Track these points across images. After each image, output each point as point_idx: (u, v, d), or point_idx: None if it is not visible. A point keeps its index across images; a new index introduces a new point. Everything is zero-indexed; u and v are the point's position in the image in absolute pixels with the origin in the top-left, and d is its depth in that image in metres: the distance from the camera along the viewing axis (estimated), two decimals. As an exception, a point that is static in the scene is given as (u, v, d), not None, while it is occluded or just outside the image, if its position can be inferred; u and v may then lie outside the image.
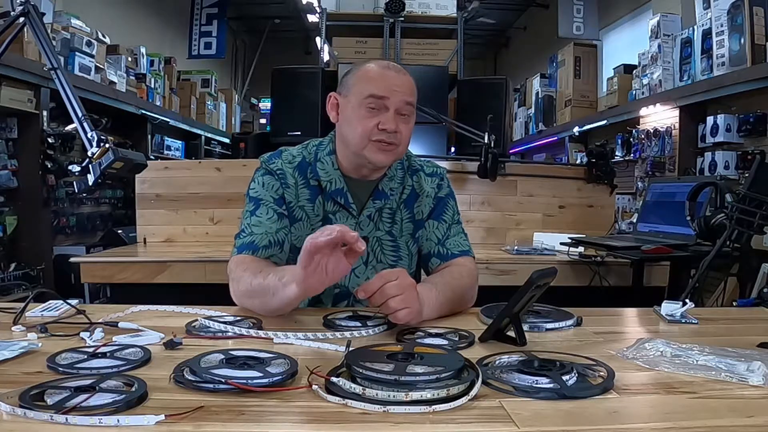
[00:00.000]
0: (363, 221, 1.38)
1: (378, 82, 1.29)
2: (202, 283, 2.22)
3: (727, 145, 3.73)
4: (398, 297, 1.05)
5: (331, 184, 1.36)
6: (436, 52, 4.17)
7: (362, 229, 1.37)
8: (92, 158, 1.36)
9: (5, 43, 1.47)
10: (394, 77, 1.30)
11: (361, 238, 1.19)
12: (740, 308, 1.64)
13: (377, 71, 1.31)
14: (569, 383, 0.79)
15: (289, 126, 3.44)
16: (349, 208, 1.37)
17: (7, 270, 3.73)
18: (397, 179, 1.41)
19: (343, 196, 1.36)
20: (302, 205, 1.36)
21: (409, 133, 1.33)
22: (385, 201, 1.39)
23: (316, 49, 6.35)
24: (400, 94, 1.29)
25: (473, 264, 1.40)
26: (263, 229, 1.30)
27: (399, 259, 1.41)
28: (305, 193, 1.36)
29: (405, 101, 1.29)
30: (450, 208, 1.45)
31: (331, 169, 1.37)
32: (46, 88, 3.86)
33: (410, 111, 1.32)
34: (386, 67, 1.33)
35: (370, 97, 1.28)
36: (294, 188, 1.36)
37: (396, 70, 1.32)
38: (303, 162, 1.38)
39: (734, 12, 3.56)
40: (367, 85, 1.29)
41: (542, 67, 6.98)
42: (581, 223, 2.99)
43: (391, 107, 1.28)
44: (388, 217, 1.40)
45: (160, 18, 7.83)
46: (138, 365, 0.85)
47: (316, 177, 1.37)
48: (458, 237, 1.42)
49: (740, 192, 1.59)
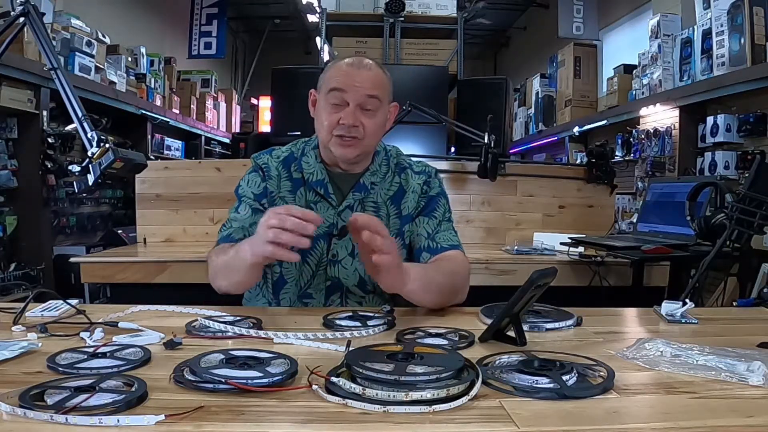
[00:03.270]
0: (344, 212, 1.40)
1: (340, 77, 1.33)
2: (202, 283, 2.20)
3: (727, 145, 3.72)
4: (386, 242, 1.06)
5: (313, 176, 1.42)
6: (436, 52, 4.16)
7: (343, 220, 1.39)
8: (92, 158, 1.36)
9: (5, 43, 1.47)
10: (357, 72, 1.33)
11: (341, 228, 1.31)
12: (740, 308, 1.64)
13: (342, 67, 1.36)
14: (569, 383, 0.79)
15: (289, 126, 3.45)
16: (329, 199, 1.41)
17: (7, 270, 3.72)
18: (379, 174, 1.44)
19: (323, 186, 1.41)
20: (283, 196, 1.41)
21: (376, 126, 1.36)
22: (366, 194, 1.42)
23: (316, 49, 6.34)
24: (361, 89, 1.32)
25: (464, 257, 1.41)
26: (239, 224, 1.38)
27: None
28: (287, 185, 1.42)
29: (366, 95, 1.32)
30: (441, 206, 1.46)
31: (314, 162, 1.43)
32: (46, 88, 3.86)
33: (375, 105, 1.34)
34: (352, 63, 1.36)
35: (332, 91, 1.33)
36: (276, 180, 1.42)
37: (361, 66, 1.35)
38: (290, 156, 1.46)
39: (734, 12, 3.56)
40: (331, 80, 1.34)
41: (542, 67, 6.98)
42: (581, 223, 2.99)
43: (351, 102, 1.32)
44: (373, 211, 1.41)
45: (160, 18, 7.82)
46: (138, 365, 0.85)
47: (300, 170, 1.43)
48: (448, 233, 1.44)
49: (740, 192, 1.59)
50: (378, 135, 1.40)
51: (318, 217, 1.07)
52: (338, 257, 1.41)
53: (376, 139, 1.41)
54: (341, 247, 1.40)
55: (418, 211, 1.45)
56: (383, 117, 1.38)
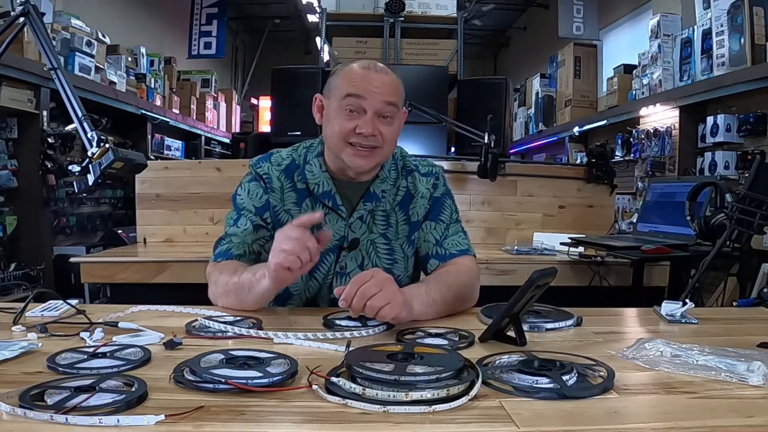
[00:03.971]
0: (354, 224, 1.35)
1: (357, 83, 1.26)
2: (202, 283, 2.21)
3: (727, 145, 3.72)
4: (377, 294, 1.03)
5: (319, 187, 1.34)
6: (436, 52, 4.16)
7: (354, 231, 1.34)
8: (92, 158, 1.36)
9: (5, 43, 1.47)
10: (374, 77, 1.26)
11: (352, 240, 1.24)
12: (740, 308, 1.64)
13: (357, 71, 1.28)
14: (569, 383, 0.79)
15: (289, 126, 3.46)
16: (338, 211, 1.34)
17: (7, 270, 3.72)
18: (389, 181, 1.37)
19: (331, 198, 1.34)
20: (288, 209, 1.35)
21: (394, 135, 1.30)
22: (377, 203, 1.36)
23: (316, 49, 6.34)
24: (379, 95, 1.25)
25: (473, 262, 1.37)
26: (240, 239, 1.32)
27: (394, 262, 1.38)
28: (291, 196, 1.35)
29: (385, 102, 1.26)
30: (447, 207, 1.41)
31: (318, 171, 1.35)
32: (46, 88, 3.86)
33: (392, 112, 1.28)
34: (367, 67, 1.29)
35: (348, 97, 1.26)
36: (279, 192, 1.35)
37: (377, 70, 1.28)
38: (292, 164, 1.37)
39: (734, 12, 3.56)
40: (346, 85, 1.27)
41: (542, 67, 6.98)
42: (581, 223, 2.99)
43: (369, 109, 1.25)
44: (382, 219, 1.37)
45: (160, 18, 7.82)
46: (138, 365, 0.85)
47: (304, 180, 1.35)
48: (457, 236, 1.39)
49: (740, 192, 1.59)
50: (394, 144, 1.33)
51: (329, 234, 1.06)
52: (346, 269, 1.36)
53: (393, 148, 1.35)
54: (350, 259, 1.35)
55: (425, 215, 1.40)
56: (399, 125, 1.32)
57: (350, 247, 1.34)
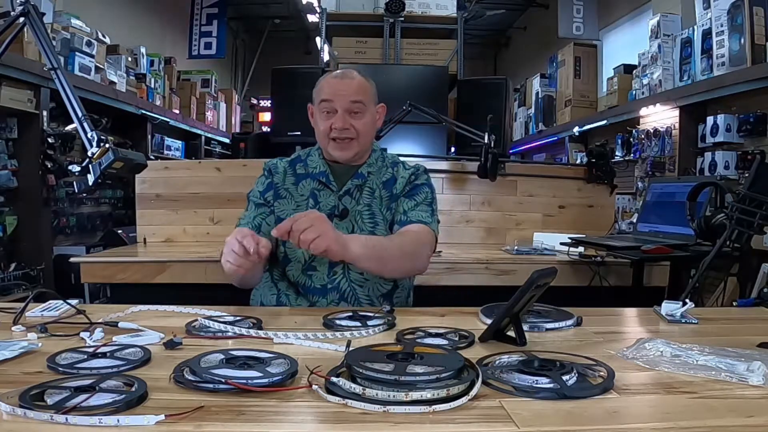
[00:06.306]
0: (344, 198, 1.56)
1: (326, 89, 1.52)
2: (202, 283, 2.22)
3: (727, 145, 3.72)
4: (309, 228, 1.18)
5: (317, 169, 1.59)
6: (436, 52, 4.16)
7: (343, 203, 1.55)
8: (92, 158, 1.36)
9: (5, 43, 1.47)
10: (341, 83, 1.52)
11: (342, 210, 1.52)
12: (740, 308, 1.64)
13: (329, 81, 1.54)
14: (569, 383, 0.79)
15: (289, 126, 3.45)
16: (330, 186, 1.57)
17: (7, 270, 3.72)
18: (375, 167, 1.61)
19: (325, 176, 1.57)
20: (287, 187, 1.59)
21: (366, 126, 1.53)
22: (363, 181, 1.58)
23: (316, 49, 6.34)
24: (346, 96, 1.50)
25: (428, 233, 1.50)
26: (246, 221, 1.54)
27: (375, 225, 1.56)
28: (291, 179, 1.60)
29: (351, 100, 1.50)
30: (423, 192, 1.58)
31: (317, 159, 1.60)
32: (46, 88, 3.85)
33: (360, 108, 1.51)
34: (336, 75, 1.56)
35: (323, 102, 1.52)
36: (282, 174, 1.60)
37: (343, 77, 1.53)
38: (297, 158, 1.65)
39: (734, 12, 3.56)
40: (320, 92, 1.54)
41: (542, 67, 6.98)
42: (581, 223, 2.99)
43: (339, 108, 1.50)
44: (368, 194, 1.58)
45: (160, 18, 7.82)
46: (138, 365, 0.85)
47: (305, 166, 1.61)
48: (423, 212, 1.54)
49: (740, 192, 1.59)
50: (370, 133, 1.57)
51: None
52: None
53: (369, 137, 1.58)
54: (342, 228, 1.51)
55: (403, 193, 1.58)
56: (371, 117, 1.56)
57: (341, 216, 1.54)
